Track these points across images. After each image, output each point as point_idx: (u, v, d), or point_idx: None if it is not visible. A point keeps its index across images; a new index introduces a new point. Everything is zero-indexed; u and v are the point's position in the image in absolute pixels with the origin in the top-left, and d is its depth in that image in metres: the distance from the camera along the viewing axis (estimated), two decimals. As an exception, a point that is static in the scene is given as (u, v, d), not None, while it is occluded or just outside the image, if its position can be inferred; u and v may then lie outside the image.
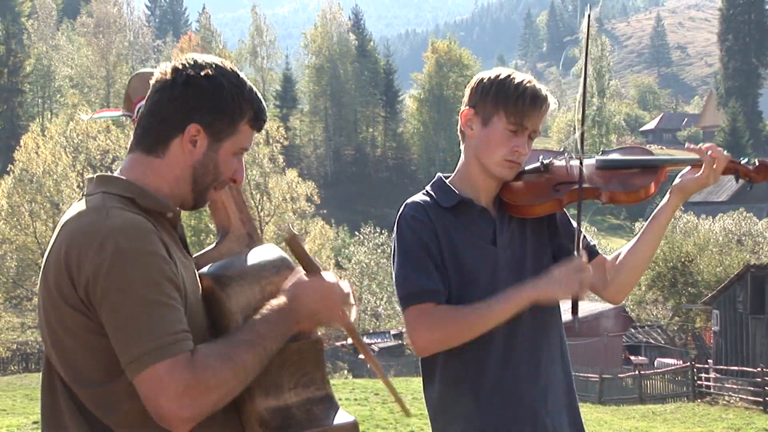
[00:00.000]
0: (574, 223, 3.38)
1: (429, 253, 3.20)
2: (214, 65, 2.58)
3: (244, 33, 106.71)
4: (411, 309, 3.15)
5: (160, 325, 2.31)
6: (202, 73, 2.54)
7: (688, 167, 3.41)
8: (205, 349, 2.36)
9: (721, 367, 35.48)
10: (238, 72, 2.63)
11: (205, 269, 2.65)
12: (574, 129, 3.46)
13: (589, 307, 42.60)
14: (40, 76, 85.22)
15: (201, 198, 2.64)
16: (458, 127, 3.42)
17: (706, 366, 36.32)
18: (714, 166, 3.32)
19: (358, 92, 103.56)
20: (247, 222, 2.90)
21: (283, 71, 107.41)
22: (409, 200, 3.35)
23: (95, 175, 2.59)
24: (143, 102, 2.69)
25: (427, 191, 3.38)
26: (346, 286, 2.60)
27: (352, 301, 2.60)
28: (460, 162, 3.41)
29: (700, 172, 3.35)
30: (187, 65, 2.56)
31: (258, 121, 2.64)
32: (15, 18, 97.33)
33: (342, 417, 2.60)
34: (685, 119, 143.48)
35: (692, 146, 3.38)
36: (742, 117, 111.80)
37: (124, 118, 3.26)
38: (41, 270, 2.49)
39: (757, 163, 3.40)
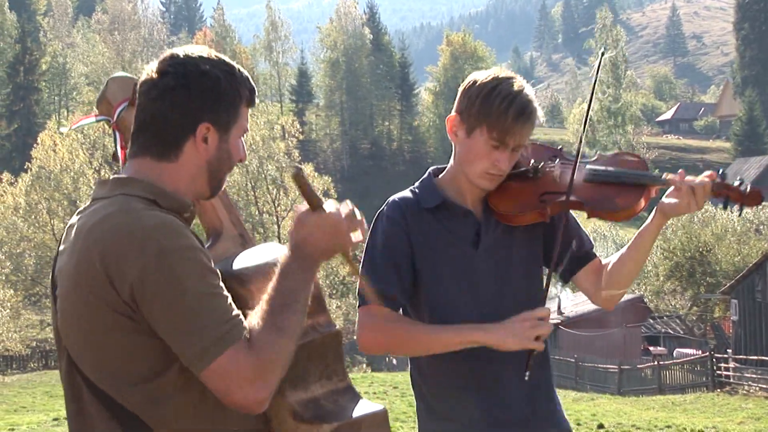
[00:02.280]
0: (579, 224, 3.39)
1: (393, 258, 3.17)
2: (204, 59, 2.56)
3: (259, 28, 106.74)
4: (362, 308, 3.14)
5: (215, 315, 2.33)
6: (198, 71, 2.53)
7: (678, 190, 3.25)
8: (255, 328, 2.37)
9: (741, 356, 35.42)
10: (224, 58, 2.62)
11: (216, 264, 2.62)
12: (583, 134, 3.40)
13: (607, 298, 42.44)
14: (56, 74, 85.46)
15: (218, 187, 2.66)
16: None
17: (726, 356, 36.25)
18: (688, 197, 3.20)
19: (374, 86, 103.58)
20: (238, 223, 2.91)
21: (299, 66, 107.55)
22: (392, 198, 3.32)
23: (111, 177, 2.58)
24: (124, 105, 2.70)
25: (413, 189, 3.34)
26: (346, 209, 2.55)
27: (357, 221, 2.57)
28: (451, 162, 3.37)
29: (684, 199, 3.21)
30: (176, 63, 2.54)
31: (252, 98, 2.65)
32: (30, 16, 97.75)
33: (370, 406, 2.64)
34: (702, 109, 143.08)
35: (670, 176, 3.27)
36: (759, 106, 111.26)
37: (104, 122, 3.24)
38: (60, 276, 2.48)
39: (749, 189, 3.24)
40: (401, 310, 3.26)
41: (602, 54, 3.54)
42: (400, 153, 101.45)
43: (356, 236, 2.57)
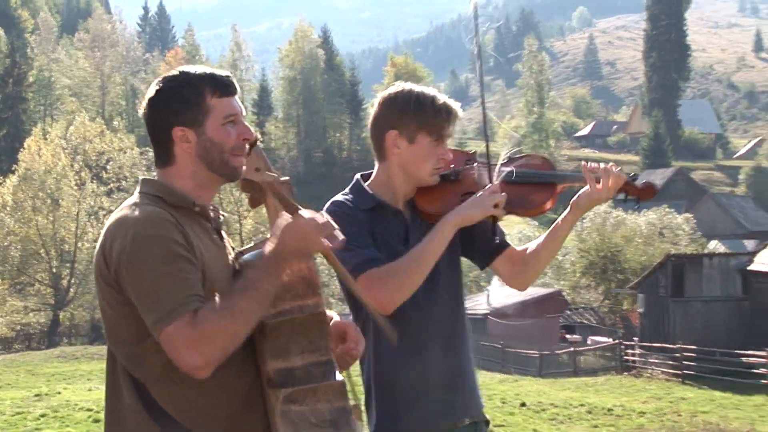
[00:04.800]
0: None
1: (362, 229, 3.18)
2: (161, 79, 2.72)
3: (225, 48, 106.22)
4: (361, 277, 3.09)
5: (170, 293, 2.45)
6: (157, 91, 2.68)
7: (587, 185, 3.34)
8: (207, 306, 2.47)
9: (645, 344, 35.74)
10: (183, 68, 2.73)
11: (245, 256, 2.77)
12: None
13: (530, 291, 42.77)
14: (42, 85, 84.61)
15: (226, 171, 2.72)
16: (374, 143, 3.39)
17: (632, 343, 36.57)
18: (605, 186, 3.30)
19: (327, 101, 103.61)
20: None
21: (260, 82, 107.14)
22: (334, 199, 3.32)
23: (141, 178, 2.77)
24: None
25: (346, 193, 3.35)
26: (321, 218, 2.61)
27: (331, 228, 2.61)
28: (379, 169, 3.37)
29: (593, 189, 3.31)
30: (147, 93, 2.72)
31: (221, 87, 2.70)
32: (19, 34, 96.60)
33: (334, 377, 2.66)
34: (615, 126, 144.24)
35: (589, 165, 3.35)
36: (664, 125, 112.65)
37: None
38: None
39: (644, 184, 3.37)
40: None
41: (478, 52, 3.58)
42: (350, 161, 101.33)
43: (327, 242, 2.60)
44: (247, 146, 2.69)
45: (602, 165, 3.40)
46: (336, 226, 2.63)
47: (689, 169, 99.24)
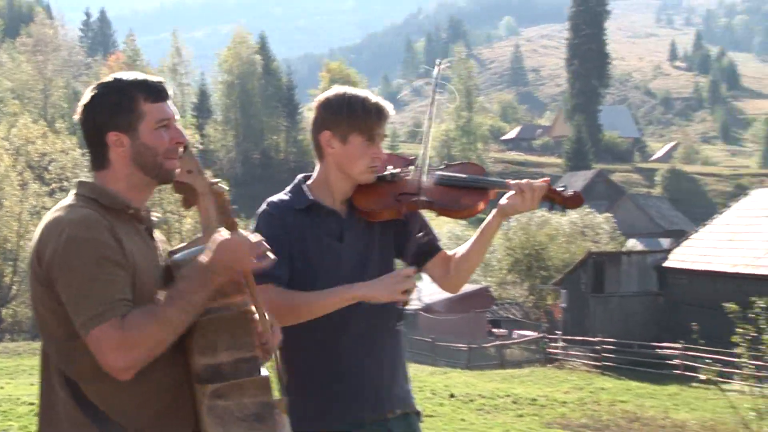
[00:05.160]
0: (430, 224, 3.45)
1: (278, 247, 3.12)
2: (95, 87, 2.72)
3: (165, 53, 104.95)
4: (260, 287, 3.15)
5: (98, 296, 2.45)
6: (90, 99, 2.69)
7: (514, 192, 3.39)
8: (136, 312, 2.48)
9: (567, 337, 36.06)
10: (115, 74, 2.74)
11: (176, 255, 2.77)
12: (428, 141, 3.46)
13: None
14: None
15: (160, 173, 2.72)
16: (313, 144, 3.42)
17: (555, 337, 36.86)
18: (530, 197, 3.34)
19: (264, 105, 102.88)
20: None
21: (200, 86, 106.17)
22: (270, 199, 3.35)
23: (76, 180, 2.77)
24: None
25: (286, 192, 3.38)
26: (254, 238, 2.64)
27: (263, 248, 2.65)
28: (318, 170, 3.40)
29: (519, 200, 3.36)
30: (82, 99, 2.72)
31: (154, 93, 2.70)
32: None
33: (259, 372, 2.68)
34: (539, 130, 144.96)
35: (511, 182, 3.40)
36: (585, 129, 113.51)
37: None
38: None
39: (571, 193, 3.42)
40: None
41: (439, 65, 3.64)
42: (286, 163, 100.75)
43: (258, 261, 2.64)
44: (181, 149, 2.70)
45: (525, 181, 3.42)
46: (268, 247, 2.67)
47: (609, 171, 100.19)
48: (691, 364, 26.68)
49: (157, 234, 2.86)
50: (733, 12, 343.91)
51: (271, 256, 2.68)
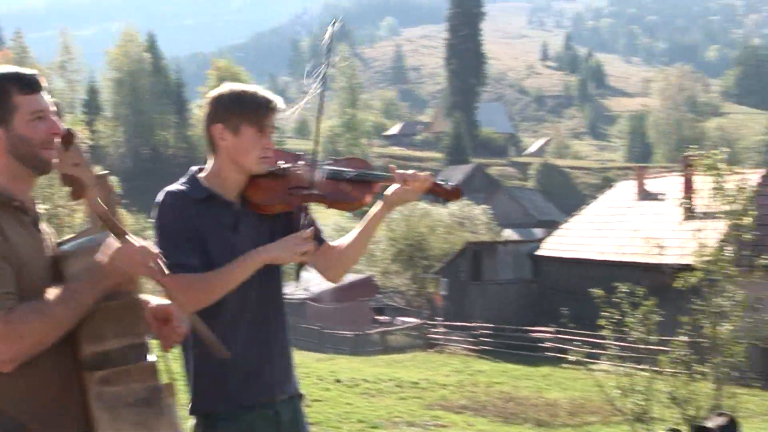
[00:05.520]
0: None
1: (186, 234, 3.18)
2: None
3: (54, 50, 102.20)
4: (166, 278, 3.13)
5: None
6: None
7: (399, 185, 3.44)
8: (23, 306, 2.43)
9: (447, 323, 36.41)
10: None
11: (64, 246, 2.73)
12: (317, 142, 3.49)
13: (345, 277, 42.91)
14: None
15: (38, 164, 2.67)
16: (205, 138, 3.39)
17: (436, 323, 37.19)
18: (414, 189, 3.40)
19: (154, 102, 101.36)
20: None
21: (90, 83, 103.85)
22: (167, 189, 3.31)
23: None
24: None
25: (182, 183, 3.35)
26: (148, 245, 2.63)
27: (153, 255, 2.63)
28: (211, 163, 3.38)
29: (404, 192, 3.42)
30: None
31: (27, 85, 2.65)
32: None
33: (146, 358, 2.66)
34: (420, 126, 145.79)
35: (397, 171, 3.45)
36: (464, 125, 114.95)
37: None
38: None
39: (452, 186, 3.47)
40: None
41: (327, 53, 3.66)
42: (175, 158, 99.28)
43: (152, 267, 2.62)
44: (64, 142, 2.62)
45: (411, 171, 3.48)
46: (156, 251, 2.66)
47: (486, 165, 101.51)
48: (562, 346, 27.25)
49: (44, 225, 2.79)
50: (600, 15, 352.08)
51: (163, 263, 2.66)
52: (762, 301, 13.21)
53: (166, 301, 2.82)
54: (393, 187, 3.46)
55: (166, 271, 2.68)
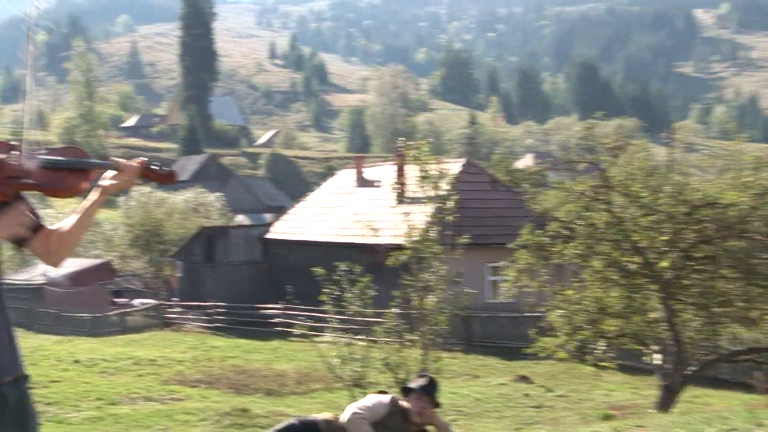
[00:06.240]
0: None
1: None
2: None
3: None
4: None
5: None
6: None
7: (114, 171, 3.40)
8: None
9: (183, 303, 36.13)
10: None
11: None
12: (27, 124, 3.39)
13: (83, 262, 41.53)
14: None
15: None
16: None
17: (172, 303, 36.80)
18: (127, 175, 3.37)
19: None
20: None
21: None
22: None
23: None
24: None
25: None
26: None
27: None
28: None
29: (117, 178, 3.38)
30: None
31: None
32: None
33: None
34: (156, 119, 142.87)
35: (114, 159, 3.40)
36: (198, 118, 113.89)
37: None
38: None
39: (165, 171, 3.46)
40: None
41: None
42: None
43: None
44: None
45: (122, 159, 3.43)
46: None
47: (219, 155, 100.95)
48: (289, 321, 27.65)
49: None
50: (322, 18, 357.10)
51: None
52: (462, 276, 14.06)
53: None
54: (108, 174, 3.40)
55: None
